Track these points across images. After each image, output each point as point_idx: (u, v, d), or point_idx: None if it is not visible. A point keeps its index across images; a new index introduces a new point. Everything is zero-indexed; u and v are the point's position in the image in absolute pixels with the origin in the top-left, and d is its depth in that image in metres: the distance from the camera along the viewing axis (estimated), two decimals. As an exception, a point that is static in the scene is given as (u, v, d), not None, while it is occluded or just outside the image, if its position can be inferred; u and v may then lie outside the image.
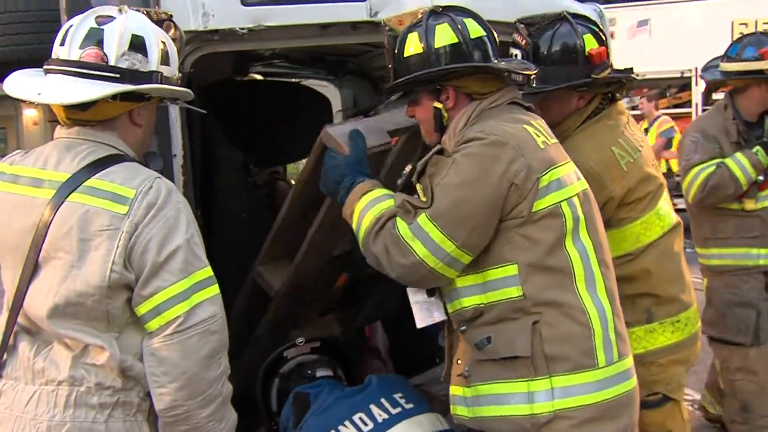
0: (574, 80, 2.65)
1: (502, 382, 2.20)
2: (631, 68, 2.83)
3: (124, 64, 2.01)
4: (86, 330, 1.97)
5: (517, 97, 2.35)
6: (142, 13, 2.19)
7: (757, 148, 3.72)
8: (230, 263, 3.00)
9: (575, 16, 2.74)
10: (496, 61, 2.31)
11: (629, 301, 2.57)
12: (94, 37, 2.01)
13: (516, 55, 2.69)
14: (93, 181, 1.98)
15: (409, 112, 2.41)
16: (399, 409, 2.56)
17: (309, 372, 2.82)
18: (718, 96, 10.36)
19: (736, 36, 10.97)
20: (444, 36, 2.27)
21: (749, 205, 3.79)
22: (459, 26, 2.27)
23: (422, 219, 2.15)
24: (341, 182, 2.35)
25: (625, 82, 2.79)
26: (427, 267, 2.15)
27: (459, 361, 2.36)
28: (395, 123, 2.57)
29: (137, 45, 2.04)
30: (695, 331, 2.87)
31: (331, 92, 5.32)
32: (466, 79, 2.28)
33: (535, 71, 2.44)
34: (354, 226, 2.30)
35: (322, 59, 4.91)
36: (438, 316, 2.36)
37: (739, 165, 3.70)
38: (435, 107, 2.31)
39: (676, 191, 5.21)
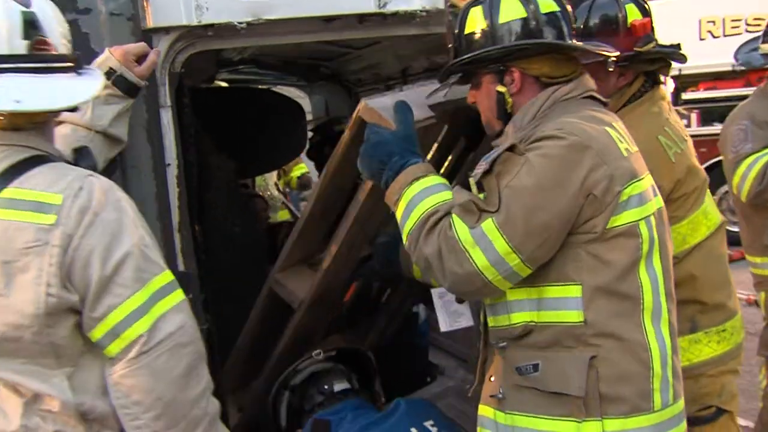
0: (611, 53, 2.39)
1: (546, 418, 1.96)
2: (679, 44, 2.61)
3: (65, 50, 1.76)
4: (32, 370, 1.69)
5: (594, 90, 2.08)
6: None
7: None
8: (221, 278, 2.76)
9: None
10: (571, 42, 2.05)
11: None
12: (32, 23, 1.70)
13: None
14: (10, 191, 1.68)
15: (470, 99, 2.14)
16: None
17: (326, 387, 2.55)
18: (689, 95, 10.49)
19: (705, 35, 11.13)
20: (511, 10, 2.01)
21: None
22: None
23: (487, 225, 1.87)
24: (388, 161, 2.04)
25: (671, 59, 2.56)
26: (484, 279, 1.88)
27: (492, 379, 2.11)
28: (433, 98, 2.28)
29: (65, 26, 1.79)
30: (740, 341, 2.68)
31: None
32: (534, 60, 2.01)
33: (617, 54, 2.18)
34: (399, 215, 2.01)
35: (294, 63, 4.70)
36: (464, 322, 2.19)
37: None
38: (498, 91, 2.04)
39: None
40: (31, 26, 1.70)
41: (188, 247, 2.40)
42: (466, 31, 2.07)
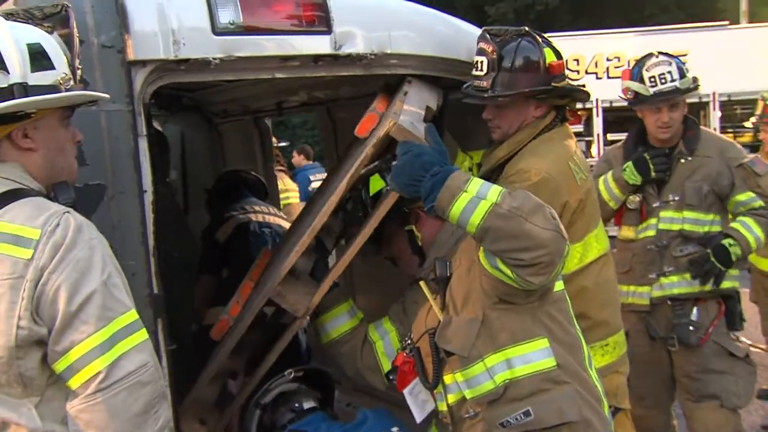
0: (536, 87, 2.82)
1: None
2: (584, 84, 3.12)
3: None
4: (0, 399, 1.76)
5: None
6: (19, 15, 1.87)
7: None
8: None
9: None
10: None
11: None
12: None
13: (481, 62, 2.82)
14: None
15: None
16: None
17: (296, 405, 2.72)
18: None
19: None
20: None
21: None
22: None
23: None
24: (430, 169, 2.23)
25: (577, 95, 2.98)
26: (563, 241, 2.16)
27: None
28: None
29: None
30: (624, 353, 3.11)
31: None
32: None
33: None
34: (464, 203, 2.17)
35: (155, 93, 4.71)
36: (429, 408, 2.49)
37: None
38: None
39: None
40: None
41: (157, 271, 2.48)
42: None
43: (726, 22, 13.75)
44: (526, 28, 2.88)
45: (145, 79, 2.44)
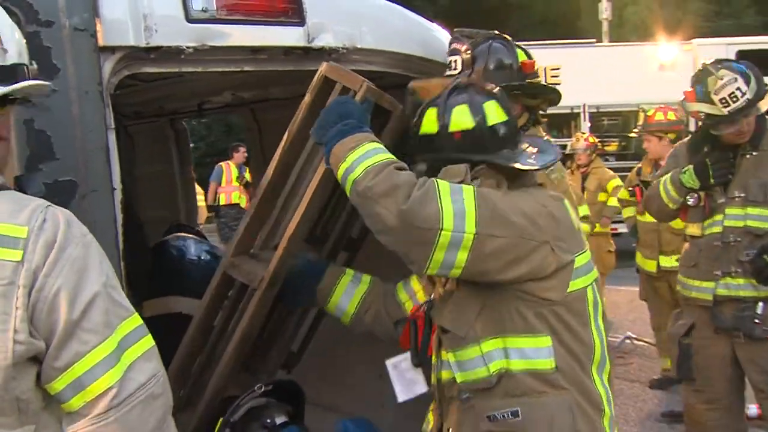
0: (510, 83, 2.73)
1: None
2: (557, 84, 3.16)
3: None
4: None
5: (536, 182, 2.34)
6: None
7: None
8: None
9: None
10: (510, 152, 2.21)
11: None
12: None
13: (455, 61, 2.77)
14: None
15: None
16: None
17: (268, 420, 2.56)
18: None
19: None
20: (460, 119, 2.18)
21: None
22: (477, 109, 2.19)
23: (466, 187, 2.07)
24: (346, 120, 2.16)
25: (550, 94, 2.95)
26: (436, 228, 1.98)
27: (450, 431, 2.31)
28: None
29: None
30: None
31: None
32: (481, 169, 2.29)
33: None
34: (352, 158, 2.08)
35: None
36: (419, 389, 2.34)
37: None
38: None
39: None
40: None
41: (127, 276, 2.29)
42: (422, 131, 2.23)
43: (594, 40, 14.58)
44: (497, 32, 2.90)
45: (113, 67, 2.24)
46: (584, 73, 12.30)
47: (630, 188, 6.32)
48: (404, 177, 2.04)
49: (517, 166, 2.19)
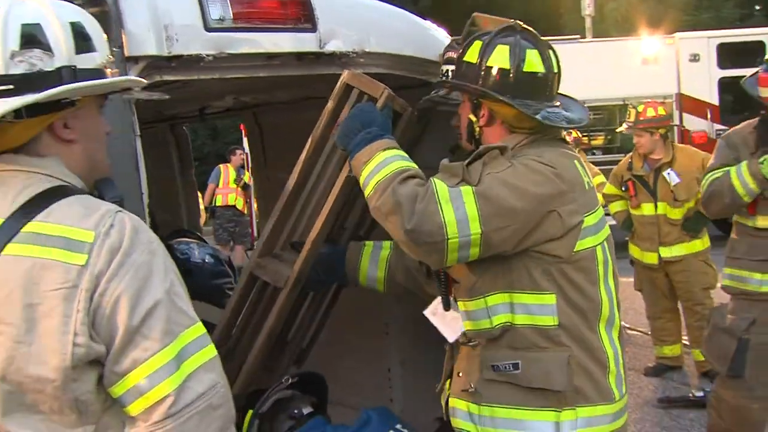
0: None
1: (526, 409, 2.24)
2: None
3: (18, 69, 1.52)
4: (51, 427, 1.53)
5: (559, 136, 2.42)
6: None
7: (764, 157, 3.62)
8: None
9: None
10: (537, 103, 2.27)
11: None
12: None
13: (449, 71, 2.81)
14: (34, 225, 1.51)
15: (458, 120, 2.48)
16: None
17: (295, 411, 2.65)
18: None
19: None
20: (498, 58, 2.29)
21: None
22: (517, 53, 2.27)
23: (466, 189, 2.13)
24: (368, 128, 2.27)
25: None
26: (443, 234, 2.08)
27: (460, 375, 2.39)
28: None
29: (32, 37, 1.54)
30: None
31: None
32: (501, 106, 2.29)
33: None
34: (368, 170, 2.19)
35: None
36: (460, 327, 2.39)
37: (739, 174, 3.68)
38: (469, 118, 2.39)
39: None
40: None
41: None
42: (463, 57, 2.39)
43: (577, 36, 14.71)
44: None
45: (138, 75, 2.33)
46: (568, 69, 12.34)
47: (623, 183, 6.39)
48: (406, 191, 2.12)
49: (538, 117, 2.26)
